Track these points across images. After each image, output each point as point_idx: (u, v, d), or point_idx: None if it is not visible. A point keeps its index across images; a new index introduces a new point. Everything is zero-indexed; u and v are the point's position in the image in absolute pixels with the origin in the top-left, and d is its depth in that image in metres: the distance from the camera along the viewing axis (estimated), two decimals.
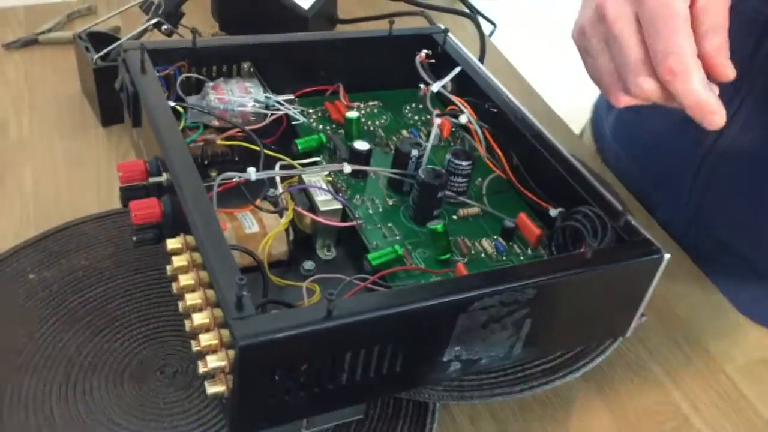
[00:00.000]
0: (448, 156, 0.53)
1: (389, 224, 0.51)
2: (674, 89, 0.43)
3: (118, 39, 0.68)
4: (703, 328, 0.59)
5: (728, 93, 0.59)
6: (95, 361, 0.49)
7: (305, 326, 0.36)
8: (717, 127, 0.43)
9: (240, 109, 0.55)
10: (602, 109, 0.80)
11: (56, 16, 0.81)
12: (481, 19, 0.86)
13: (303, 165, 0.52)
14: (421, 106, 0.62)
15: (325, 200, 0.49)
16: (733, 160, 0.62)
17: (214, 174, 0.53)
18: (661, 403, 0.53)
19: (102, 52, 0.66)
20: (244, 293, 0.36)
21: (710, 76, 0.44)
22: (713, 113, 0.43)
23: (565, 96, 0.92)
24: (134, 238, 0.46)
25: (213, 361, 0.37)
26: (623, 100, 0.46)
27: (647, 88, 0.44)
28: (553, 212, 0.51)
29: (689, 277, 0.63)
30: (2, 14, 0.82)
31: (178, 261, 0.41)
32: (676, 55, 0.42)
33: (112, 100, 0.59)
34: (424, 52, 0.60)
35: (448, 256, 0.49)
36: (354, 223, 0.49)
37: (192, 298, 0.40)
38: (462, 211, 0.53)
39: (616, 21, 0.45)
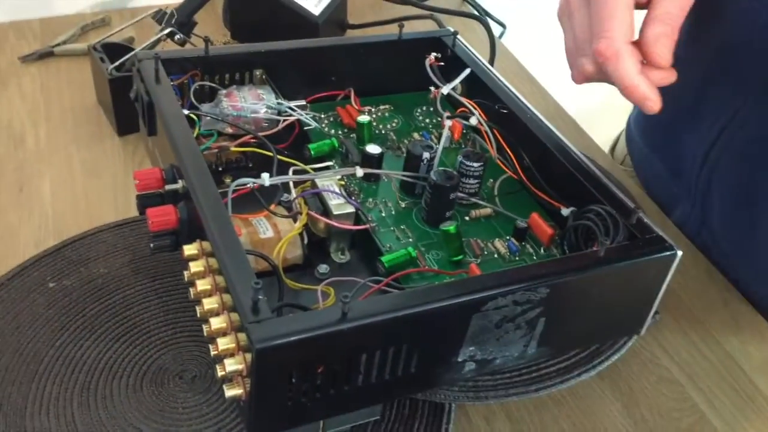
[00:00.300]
0: (460, 158, 0.53)
1: (402, 226, 0.51)
2: (606, 71, 0.45)
3: (132, 49, 0.69)
4: (719, 326, 0.58)
5: (731, 91, 0.59)
6: (115, 367, 0.50)
7: (321, 329, 0.37)
8: (650, 112, 0.45)
9: (253, 115, 0.55)
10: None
11: (71, 28, 0.82)
12: (490, 21, 0.87)
13: (316, 170, 0.52)
14: (431, 108, 0.62)
15: (338, 204, 0.49)
16: (731, 161, 0.60)
17: (228, 180, 0.53)
18: (677, 400, 0.53)
19: (117, 63, 0.67)
20: (260, 297, 0.37)
21: (648, 61, 0.45)
22: (645, 99, 0.44)
23: (576, 96, 0.92)
24: (151, 245, 0.47)
25: (230, 365, 0.38)
26: (576, 77, 0.49)
27: (587, 69, 0.47)
28: (565, 211, 0.51)
29: (704, 275, 0.63)
30: (18, 27, 0.83)
31: (195, 266, 0.42)
32: (607, 39, 0.44)
33: (128, 110, 0.60)
34: (433, 55, 0.60)
35: (461, 257, 0.49)
36: (367, 226, 0.50)
37: (209, 303, 0.40)
38: (474, 212, 0.53)
39: (573, 2, 0.47)
